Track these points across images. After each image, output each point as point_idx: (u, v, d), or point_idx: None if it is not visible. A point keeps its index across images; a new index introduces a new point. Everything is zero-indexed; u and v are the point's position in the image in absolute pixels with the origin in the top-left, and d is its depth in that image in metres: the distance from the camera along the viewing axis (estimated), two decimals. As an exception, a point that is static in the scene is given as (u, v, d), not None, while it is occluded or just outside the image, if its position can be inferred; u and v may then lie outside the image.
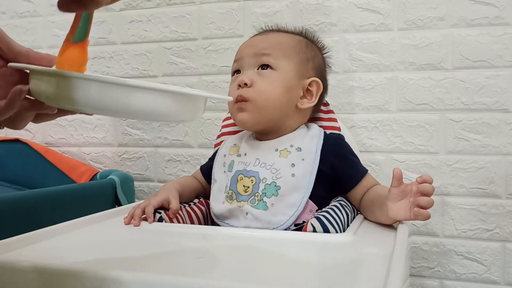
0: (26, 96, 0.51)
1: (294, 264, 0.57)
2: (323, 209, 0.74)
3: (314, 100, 0.88)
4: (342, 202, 0.79)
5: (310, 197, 0.79)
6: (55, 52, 0.51)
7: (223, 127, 1.04)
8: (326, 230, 0.69)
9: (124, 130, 1.47)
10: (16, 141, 1.44)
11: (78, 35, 0.49)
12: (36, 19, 1.55)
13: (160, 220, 0.76)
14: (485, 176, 1.18)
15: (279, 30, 0.93)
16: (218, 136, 1.05)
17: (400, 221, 0.75)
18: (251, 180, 0.81)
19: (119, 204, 1.26)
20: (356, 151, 0.90)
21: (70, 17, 0.48)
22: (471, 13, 1.17)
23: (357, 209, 0.85)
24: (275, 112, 0.84)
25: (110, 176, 1.29)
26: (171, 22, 1.41)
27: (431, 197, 0.71)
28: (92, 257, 0.59)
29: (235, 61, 0.89)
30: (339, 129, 1.00)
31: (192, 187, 0.93)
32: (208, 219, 0.88)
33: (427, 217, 0.70)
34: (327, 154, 0.82)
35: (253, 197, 0.80)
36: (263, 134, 0.88)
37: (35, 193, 1.07)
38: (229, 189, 0.82)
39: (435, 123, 1.21)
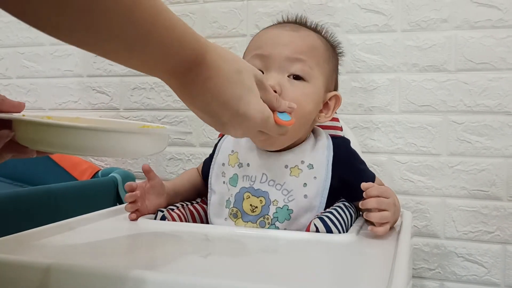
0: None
1: (297, 264, 0.57)
2: (327, 210, 0.74)
3: (330, 115, 0.82)
4: (345, 203, 0.79)
5: None
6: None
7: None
8: (329, 231, 0.69)
9: (126, 128, 1.47)
10: (18, 138, 1.44)
11: None
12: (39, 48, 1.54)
13: (163, 218, 0.76)
14: (486, 178, 1.18)
15: (308, 27, 0.82)
16: (220, 135, 1.05)
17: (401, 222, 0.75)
18: (260, 200, 0.76)
19: (121, 202, 1.26)
20: (358, 152, 0.89)
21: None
22: (475, 16, 1.17)
23: (360, 210, 0.85)
24: (301, 131, 0.78)
25: (112, 174, 1.29)
26: (174, 21, 1.40)
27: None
28: (93, 255, 0.59)
29: (256, 55, 0.76)
30: (341, 129, 1.00)
31: (191, 182, 0.89)
32: (210, 218, 0.88)
33: (380, 234, 0.68)
34: (337, 166, 0.77)
35: (262, 219, 0.75)
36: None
37: (36, 190, 1.07)
38: (234, 207, 0.77)
39: (437, 124, 1.21)
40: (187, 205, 0.84)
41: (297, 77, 0.76)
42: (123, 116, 1.47)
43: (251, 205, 0.76)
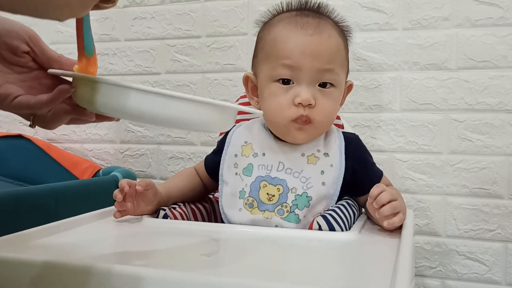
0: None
1: (299, 262, 0.57)
2: (330, 208, 0.74)
3: (343, 103, 0.85)
4: (349, 201, 0.79)
5: None
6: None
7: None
8: (331, 229, 0.69)
9: (126, 127, 1.47)
10: (19, 137, 1.44)
11: (88, 48, 0.52)
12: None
13: (165, 217, 0.76)
14: (487, 177, 1.18)
15: (328, 17, 0.82)
16: (221, 133, 1.05)
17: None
18: (278, 188, 0.76)
19: (122, 201, 1.26)
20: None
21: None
22: (476, 14, 1.17)
23: (363, 208, 0.85)
24: (325, 131, 0.82)
25: (113, 173, 1.29)
26: (175, 19, 1.40)
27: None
28: (95, 254, 0.59)
29: (285, 65, 0.76)
30: (342, 126, 1.00)
31: (186, 184, 0.86)
32: (212, 216, 0.88)
33: (398, 223, 0.69)
34: (349, 158, 0.79)
35: (280, 207, 0.75)
36: None
37: (37, 189, 1.07)
38: (249, 196, 0.77)
39: (438, 123, 1.21)
40: (189, 203, 0.84)
41: (328, 85, 0.78)
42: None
43: (268, 193, 0.76)
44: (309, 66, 0.75)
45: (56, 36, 1.51)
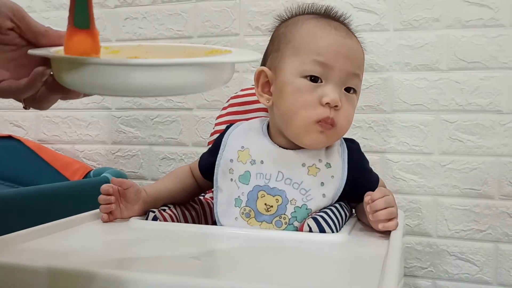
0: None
1: (289, 263, 0.57)
2: (321, 210, 0.74)
3: None
4: (341, 203, 0.79)
5: None
6: None
7: (216, 125, 1.04)
8: (322, 231, 0.69)
9: (118, 127, 1.46)
10: (9, 137, 1.43)
11: (79, 19, 0.48)
12: (31, 15, 1.53)
13: (154, 219, 0.76)
14: (478, 177, 1.18)
15: (352, 30, 0.81)
16: (211, 134, 1.05)
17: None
18: (276, 199, 0.74)
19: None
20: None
21: (64, 12, 0.48)
22: (466, 15, 1.18)
23: (354, 209, 0.85)
24: (344, 135, 0.79)
25: (104, 174, 1.28)
26: (167, 20, 1.40)
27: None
28: (85, 256, 0.59)
29: (317, 62, 0.73)
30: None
31: (177, 184, 0.84)
32: (202, 218, 0.88)
33: (393, 228, 0.69)
34: (351, 170, 0.77)
35: (278, 218, 0.74)
36: (286, 139, 0.78)
37: (27, 190, 1.06)
38: (246, 205, 0.75)
39: (429, 123, 1.21)
40: (179, 205, 0.84)
41: (348, 89, 0.75)
42: (115, 116, 1.46)
43: (265, 204, 0.74)
44: (341, 67, 0.73)
45: (43, 23, 1.50)
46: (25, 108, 0.54)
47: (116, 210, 0.75)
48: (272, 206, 0.74)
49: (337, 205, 0.77)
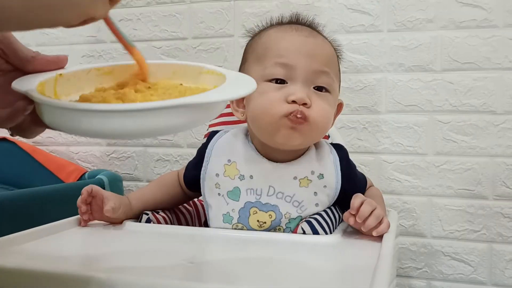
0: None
1: (282, 265, 0.57)
2: (315, 213, 0.74)
3: (333, 123, 0.79)
4: (332, 207, 0.79)
5: None
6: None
7: (210, 126, 1.04)
8: (315, 233, 0.69)
9: (113, 129, 1.46)
10: (3, 140, 1.43)
11: (130, 43, 0.56)
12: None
13: (148, 221, 0.76)
14: (472, 178, 1.19)
15: (319, 31, 0.79)
16: (205, 136, 1.05)
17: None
18: (269, 215, 0.73)
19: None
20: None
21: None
22: (460, 15, 1.18)
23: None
24: (320, 138, 0.77)
25: (98, 176, 1.28)
26: (161, 21, 1.40)
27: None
28: (80, 259, 0.59)
29: (279, 64, 0.71)
30: (327, 137, 1.00)
31: (164, 193, 0.82)
32: (196, 220, 0.88)
33: (386, 230, 0.68)
34: (344, 180, 0.76)
35: (272, 231, 0.73)
36: (275, 152, 0.75)
37: (22, 192, 1.06)
38: (238, 222, 0.73)
39: (423, 124, 1.21)
40: (172, 208, 0.84)
41: (319, 88, 0.72)
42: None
43: (258, 220, 0.73)
44: (305, 66, 0.71)
45: (42, 38, 1.50)
46: (11, 135, 0.53)
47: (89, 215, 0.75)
48: (265, 222, 0.73)
49: (331, 207, 0.77)
